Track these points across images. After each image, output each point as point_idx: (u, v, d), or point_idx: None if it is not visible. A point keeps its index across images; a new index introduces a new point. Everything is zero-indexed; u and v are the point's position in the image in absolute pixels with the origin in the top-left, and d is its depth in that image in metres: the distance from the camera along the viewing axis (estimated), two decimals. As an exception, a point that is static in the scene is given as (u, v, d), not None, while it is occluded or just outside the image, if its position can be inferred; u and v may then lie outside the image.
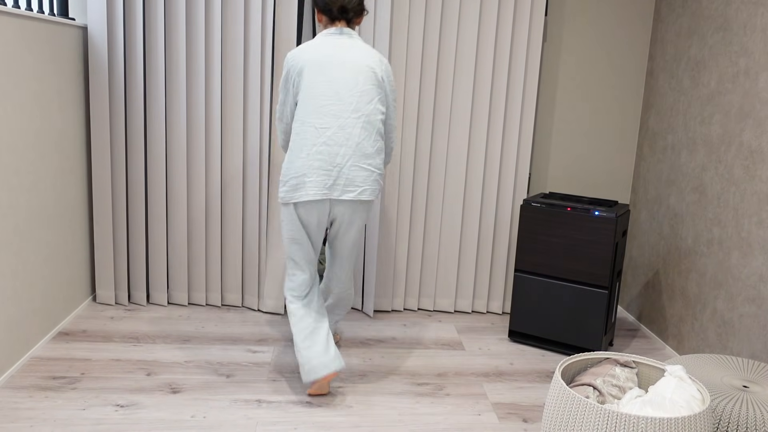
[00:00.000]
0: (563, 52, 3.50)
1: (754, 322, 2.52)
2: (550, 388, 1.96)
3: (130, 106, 3.16)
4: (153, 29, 3.11)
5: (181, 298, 3.40)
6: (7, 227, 2.52)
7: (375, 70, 2.43)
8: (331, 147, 2.37)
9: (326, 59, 2.39)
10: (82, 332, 3.01)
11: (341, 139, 2.38)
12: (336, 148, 2.38)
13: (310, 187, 2.38)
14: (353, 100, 2.39)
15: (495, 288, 3.56)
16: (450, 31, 3.23)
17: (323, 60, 2.39)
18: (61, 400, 2.42)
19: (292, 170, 2.40)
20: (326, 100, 2.38)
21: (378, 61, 2.46)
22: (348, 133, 2.38)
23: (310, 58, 2.40)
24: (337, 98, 2.38)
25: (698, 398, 1.84)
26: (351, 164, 2.39)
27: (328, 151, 2.37)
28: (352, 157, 2.39)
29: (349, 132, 2.38)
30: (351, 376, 2.76)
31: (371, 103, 2.41)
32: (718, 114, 2.84)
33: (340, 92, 2.38)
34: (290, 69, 2.44)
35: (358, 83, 2.39)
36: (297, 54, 2.44)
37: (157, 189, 3.25)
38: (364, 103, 2.40)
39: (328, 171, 2.38)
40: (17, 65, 2.55)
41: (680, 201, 3.13)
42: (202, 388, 2.58)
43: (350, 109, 2.39)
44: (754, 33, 2.61)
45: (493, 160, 3.39)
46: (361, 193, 2.42)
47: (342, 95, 2.38)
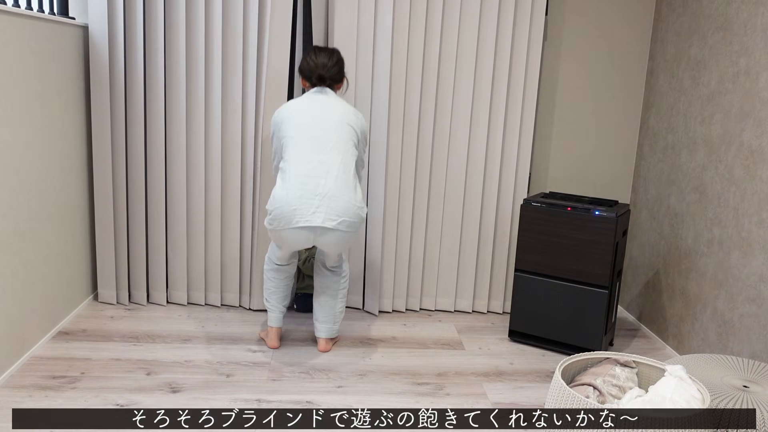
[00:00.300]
0: (564, 51, 3.50)
1: (755, 322, 2.52)
2: (550, 388, 1.96)
3: (131, 106, 3.16)
4: (153, 28, 3.11)
5: (180, 297, 3.40)
6: (8, 227, 2.52)
7: (350, 122, 2.72)
8: (312, 178, 2.59)
9: (307, 110, 2.70)
10: (82, 332, 3.02)
11: (321, 171, 2.60)
12: (317, 179, 2.59)
13: (293, 215, 2.59)
14: (331, 143, 2.65)
15: (495, 288, 3.56)
16: (451, 31, 3.23)
17: (305, 110, 2.70)
18: (61, 400, 2.42)
19: (276, 201, 2.62)
20: (307, 141, 2.64)
21: (353, 114, 2.75)
22: (327, 168, 2.61)
23: (293, 110, 2.71)
24: (317, 139, 2.64)
25: (698, 398, 1.84)
26: (331, 195, 2.59)
27: (309, 182, 2.59)
28: (332, 188, 2.60)
29: (329, 167, 2.61)
30: (351, 375, 2.76)
31: (347, 146, 2.68)
32: (719, 114, 2.84)
33: (319, 135, 2.65)
34: (277, 122, 2.74)
35: (335, 129, 2.67)
36: (282, 108, 2.75)
37: (157, 188, 3.25)
38: (341, 144, 2.66)
39: (309, 200, 2.58)
40: (18, 65, 2.55)
41: (680, 201, 3.13)
42: (201, 387, 2.58)
43: (329, 148, 2.64)
44: (754, 33, 2.61)
45: (493, 160, 3.39)
46: (341, 223, 2.61)
47: (321, 137, 2.65)
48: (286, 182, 2.61)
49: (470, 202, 3.43)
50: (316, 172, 2.59)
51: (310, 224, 2.58)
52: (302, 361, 2.86)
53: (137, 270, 3.33)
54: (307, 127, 2.65)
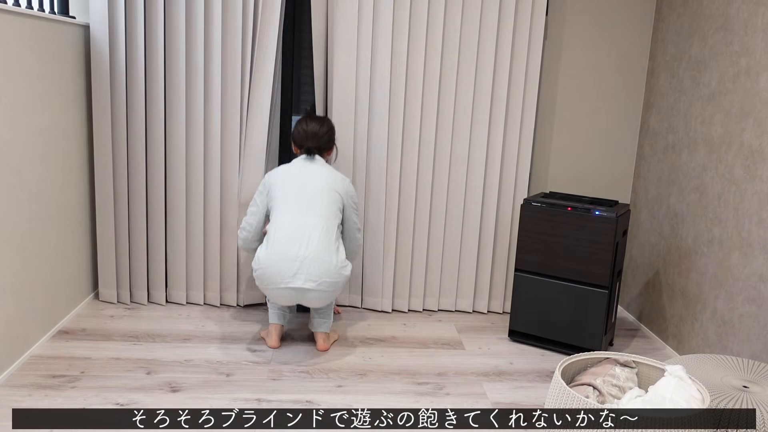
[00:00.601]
0: (564, 51, 3.50)
1: (755, 322, 2.52)
2: (550, 388, 1.96)
3: (132, 105, 3.16)
4: (154, 28, 3.11)
5: (180, 297, 3.40)
6: (8, 226, 2.52)
7: (336, 188, 2.85)
8: (294, 240, 2.71)
9: (296, 177, 2.84)
10: (82, 331, 3.02)
11: (304, 234, 2.72)
12: (299, 242, 2.71)
13: (275, 276, 2.71)
14: (315, 208, 2.78)
15: (495, 287, 3.56)
16: (451, 31, 3.23)
17: (294, 176, 2.84)
18: (60, 399, 2.42)
19: (260, 262, 2.74)
20: (293, 205, 2.78)
21: (340, 180, 2.88)
22: (310, 231, 2.73)
23: (284, 175, 2.85)
24: (302, 204, 2.77)
25: (698, 398, 1.84)
26: (312, 258, 2.70)
27: (291, 245, 2.71)
28: (313, 252, 2.71)
29: (311, 230, 2.74)
30: (351, 375, 2.76)
31: (331, 210, 2.80)
32: (719, 114, 2.84)
33: (304, 200, 2.78)
34: (267, 184, 2.89)
35: (320, 194, 2.80)
36: (274, 172, 2.90)
37: (157, 187, 3.25)
38: (325, 209, 2.79)
39: (290, 263, 2.69)
40: (18, 64, 2.55)
41: (681, 201, 3.13)
42: (201, 386, 2.58)
43: (313, 212, 2.77)
44: (755, 33, 2.61)
45: (493, 160, 3.39)
46: (321, 284, 2.71)
47: (306, 202, 2.78)
48: (270, 243, 2.74)
49: (470, 201, 3.43)
50: (299, 235, 2.72)
51: (291, 285, 2.70)
52: (302, 360, 2.86)
53: (138, 269, 3.33)
54: (294, 192, 2.80)
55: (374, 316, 3.44)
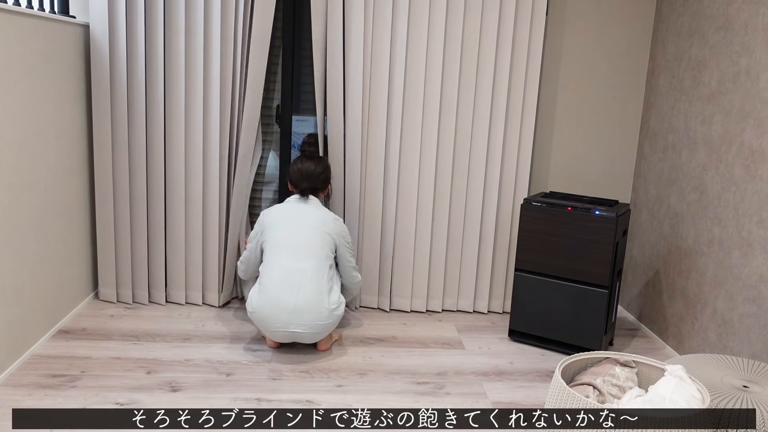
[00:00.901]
0: (564, 51, 3.50)
1: (755, 321, 2.52)
2: (550, 388, 1.96)
3: (132, 104, 3.15)
4: (154, 27, 3.10)
5: (179, 296, 3.40)
6: (8, 225, 2.52)
7: (327, 230, 2.90)
8: (285, 287, 2.76)
9: (289, 218, 2.90)
10: (82, 330, 3.02)
11: (295, 280, 2.77)
12: (289, 291, 2.76)
13: (268, 321, 2.78)
14: (306, 250, 2.83)
15: (495, 287, 3.56)
16: (452, 31, 3.23)
17: (287, 218, 2.90)
18: (61, 398, 2.42)
19: (252, 306, 2.82)
20: (285, 248, 2.83)
21: (332, 221, 2.94)
22: (301, 276, 2.78)
23: (277, 216, 2.91)
24: (294, 248, 2.83)
25: (698, 398, 1.84)
26: (301, 308, 2.75)
27: (282, 295, 2.75)
28: (303, 301, 2.75)
29: (302, 274, 2.79)
30: (351, 374, 2.76)
31: (323, 251, 2.85)
32: (719, 114, 2.84)
33: (296, 243, 2.84)
34: (262, 224, 2.94)
35: (312, 236, 2.86)
36: (268, 212, 2.96)
37: (158, 187, 3.25)
38: (316, 250, 2.84)
39: (281, 313, 2.75)
40: (18, 63, 2.55)
41: (681, 200, 3.13)
42: (201, 386, 2.58)
43: (304, 256, 2.82)
44: (755, 32, 2.61)
45: (494, 159, 3.38)
46: (313, 327, 2.78)
47: (298, 245, 2.83)
48: (262, 288, 2.81)
49: (471, 201, 3.43)
50: (290, 281, 2.77)
51: (285, 330, 2.78)
52: (302, 360, 2.86)
53: (138, 269, 3.33)
54: (286, 235, 2.85)
55: (374, 315, 3.44)
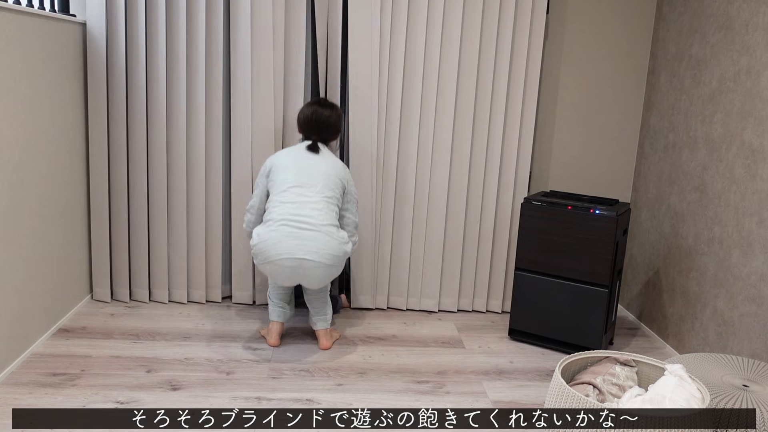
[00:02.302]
0: (564, 50, 3.50)
1: (755, 321, 2.52)
2: (550, 387, 1.96)
3: (131, 103, 3.15)
4: (153, 25, 3.10)
5: (180, 295, 3.40)
6: (7, 224, 2.52)
7: (338, 174, 2.83)
8: (295, 216, 2.69)
9: (298, 160, 2.82)
10: (82, 329, 3.02)
11: (306, 210, 2.71)
12: (300, 217, 2.69)
13: (275, 248, 2.67)
14: (317, 188, 2.76)
15: (495, 286, 3.56)
16: (452, 30, 3.23)
17: (296, 159, 2.82)
18: (61, 397, 2.42)
19: (260, 236, 2.72)
20: (294, 186, 2.76)
21: (342, 168, 2.87)
22: (311, 207, 2.72)
23: (285, 158, 2.83)
24: (303, 184, 2.76)
25: (698, 397, 1.84)
26: (314, 231, 2.68)
27: (293, 219, 2.69)
28: (316, 225, 2.69)
29: (312, 206, 2.72)
30: (351, 373, 2.76)
31: (333, 192, 2.80)
32: (720, 113, 2.84)
33: (306, 182, 2.77)
34: (268, 166, 2.86)
35: (322, 177, 2.79)
36: (275, 156, 2.88)
37: (158, 186, 3.25)
38: (327, 190, 2.78)
39: (292, 234, 2.67)
40: (18, 61, 2.55)
41: (681, 200, 3.13)
42: (201, 385, 2.58)
43: (313, 192, 2.76)
44: (756, 32, 2.61)
45: (494, 159, 3.38)
46: (322, 256, 2.68)
47: (307, 183, 2.77)
48: (270, 219, 2.73)
49: (471, 200, 3.43)
50: (300, 211, 2.70)
51: (292, 256, 2.66)
52: (302, 359, 2.87)
53: (138, 267, 3.33)
54: (296, 173, 2.78)
55: (374, 314, 3.44)
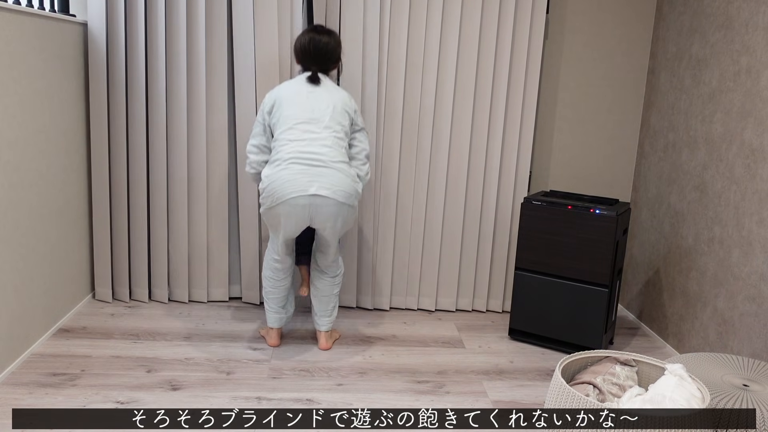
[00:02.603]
0: (564, 50, 3.50)
1: (755, 320, 2.52)
2: (550, 386, 1.96)
3: (132, 103, 3.15)
4: (153, 25, 3.10)
5: (181, 295, 3.40)
6: (8, 224, 2.52)
7: (344, 106, 2.72)
8: (305, 153, 2.59)
9: (301, 93, 2.69)
10: (83, 329, 3.02)
11: (315, 147, 2.60)
12: (310, 154, 2.59)
13: (287, 187, 2.56)
14: (324, 122, 2.65)
15: (495, 286, 3.56)
16: (451, 29, 3.23)
17: (299, 92, 2.69)
18: (61, 397, 2.42)
19: (269, 177, 2.60)
20: (301, 122, 2.64)
21: (347, 97, 2.76)
22: (321, 144, 2.61)
23: (287, 92, 2.69)
24: (309, 120, 2.64)
25: (698, 397, 1.84)
26: (325, 167, 2.59)
27: (303, 157, 2.58)
28: (327, 161, 2.60)
29: (322, 143, 2.62)
30: (351, 373, 2.76)
31: (341, 125, 2.69)
32: (720, 112, 2.84)
33: (313, 117, 2.65)
34: (269, 102, 2.72)
35: (326, 111, 2.67)
36: (276, 90, 2.73)
37: (158, 185, 3.25)
38: (334, 124, 2.67)
39: (304, 172, 2.57)
40: (18, 62, 2.55)
41: (681, 199, 3.13)
42: (202, 385, 2.58)
43: (321, 127, 2.64)
44: (756, 31, 2.61)
45: (494, 158, 3.38)
46: (335, 192, 2.59)
47: (314, 118, 2.65)
48: (278, 158, 2.60)
49: (471, 200, 3.43)
50: (309, 148, 2.59)
51: (305, 193, 2.55)
52: (302, 358, 2.87)
53: (138, 267, 3.33)
54: (301, 108, 2.64)
55: (374, 314, 3.44)
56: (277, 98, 2.69)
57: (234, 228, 3.40)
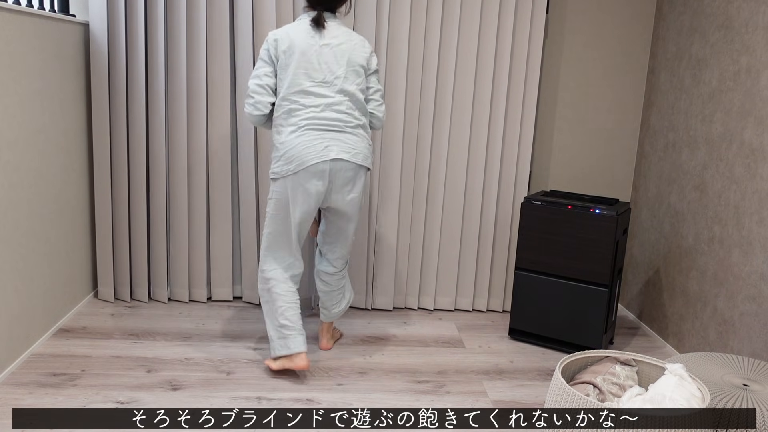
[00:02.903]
0: (564, 50, 3.50)
1: (755, 320, 2.52)
2: (551, 386, 1.96)
3: (132, 103, 3.15)
4: (154, 25, 3.10)
5: (181, 294, 3.40)
6: (8, 224, 2.52)
7: (354, 58, 2.57)
8: (322, 120, 2.51)
9: (312, 48, 2.52)
10: (83, 329, 3.02)
11: (331, 113, 2.52)
12: (327, 122, 2.52)
13: (305, 153, 2.49)
14: (337, 85, 2.54)
15: (495, 286, 3.56)
16: (451, 29, 3.23)
17: (310, 46, 2.52)
18: (61, 397, 2.42)
19: (285, 144, 2.51)
20: (312, 84, 2.51)
21: (359, 44, 2.60)
22: (336, 109, 2.53)
23: (300, 44, 2.51)
24: (322, 82, 2.52)
25: (698, 396, 1.84)
26: (343, 133, 2.54)
27: (320, 124, 2.51)
28: (344, 126, 2.54)
29: (337, 108, 2.53)
30: (351, 373, 2.76)
31: (354, 85, 2.57)
32: (720, 112, 2.84)
33: (324, 79, 2.53)
34: (283, 42, 2.52)
35: (340, 71, 2.54)
36: (283, 35, 2.53)
37: (159, 185, 3.25)
38: (348, 85, 2.55)
39: (321, 137, 2.51)
40: (18, 62, 2.55)
41: (681, 199, 3.13)
42: (202, 385, 2.58)
43: (335, 91, 2.54)
44: (756, 31, 2.61)
45: (494, 158, 3.38)
46: (355, 155, 2.55)
47: (326, 81, 2.53)
48: (291, 124, 2.50)
49: (471, 200, 3.43)
50: (325, 113, 2.51)
51: (325, 158, 2.49)
52: (302, 359, 2.86)
53: (138, 267, 3.33)
54: (314, 68, 2.51)
55: (374, 314, 3.44)
56: (290, 46, 2.50)
57: (236, 228, 3.40)
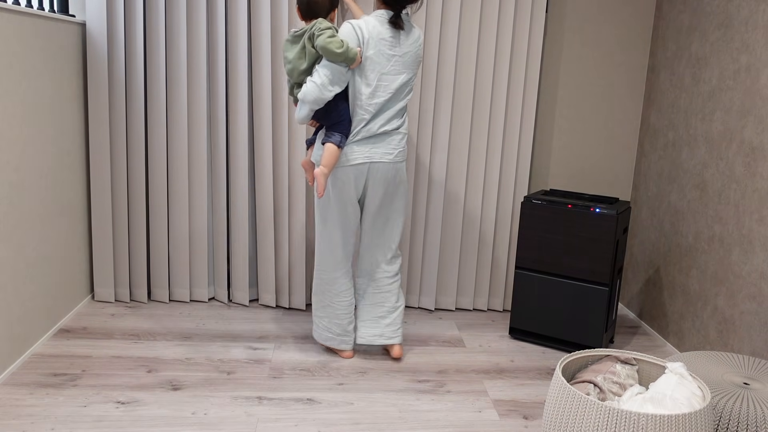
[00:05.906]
0: (564, 49, 3.50)
1: (755, 319, 2.52)
2: (551, 385, 1.96)
3: (131, 103, 3.15)
4: (153, 25, 3.10)
5: (182, 294, 3.40)
6: (7, 224, 2.52)
7: (414, 65, 2.65)
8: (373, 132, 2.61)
9: (383, 54, 2.55)
10: (83, 329, 3.02)
11: (383, 123, 2.62)
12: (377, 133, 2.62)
13: (351, 154, 2.61)
14: (398, 98, 2.64)
15: (496, 285, 3.56)
16: (451, 29, 3.23)
17: (390, 45, 2.56)
18: (62, 397, 2.42)
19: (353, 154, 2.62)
20: (380, 101, 2.59)
21: (419, 46, 2.65)
22: (388, 118, 2.62)
23: (378, 45, 2.53)
24: (389, 99, 2.60)
25: (699, 395, 1.84)
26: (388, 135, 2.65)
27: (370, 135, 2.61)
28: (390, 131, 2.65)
29: (389, 116, 2.62)
30: (352, 372, 2.76)
31: (405, 92, 2.66)
32: (719, 111, 2.84)
33: (391, 94, 2.60)
34: (358, 43, 2.52)
35: (403, 83, 2.62)
36: (373, 34, 2.53)
37: (158, 185, 3.25)
38: (404, 95, 2.66)
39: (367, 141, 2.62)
40: (17, 62, 2.55)
41: (681, 198, 3.13)
42: (202, 385, 2.58)
43: (394, 104, 2.63)
44: (755, 29, 2.61)
45: (494, 157, 3.38)
46: (397, 155, 2.68)
47: (392, 98, 2.61)
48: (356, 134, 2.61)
49: (471, 199, 3.43)
50: (378, 125, 2.61)
51: (370, 160, 2.63)
52: (303, 358, 2.86)
53: (138, 267, 3.33)
54: (383, 79, 2.57)
55: (375, 313, 3.44)
56: (373, 52, 2.53)
57: (237, 227, 3.40)
